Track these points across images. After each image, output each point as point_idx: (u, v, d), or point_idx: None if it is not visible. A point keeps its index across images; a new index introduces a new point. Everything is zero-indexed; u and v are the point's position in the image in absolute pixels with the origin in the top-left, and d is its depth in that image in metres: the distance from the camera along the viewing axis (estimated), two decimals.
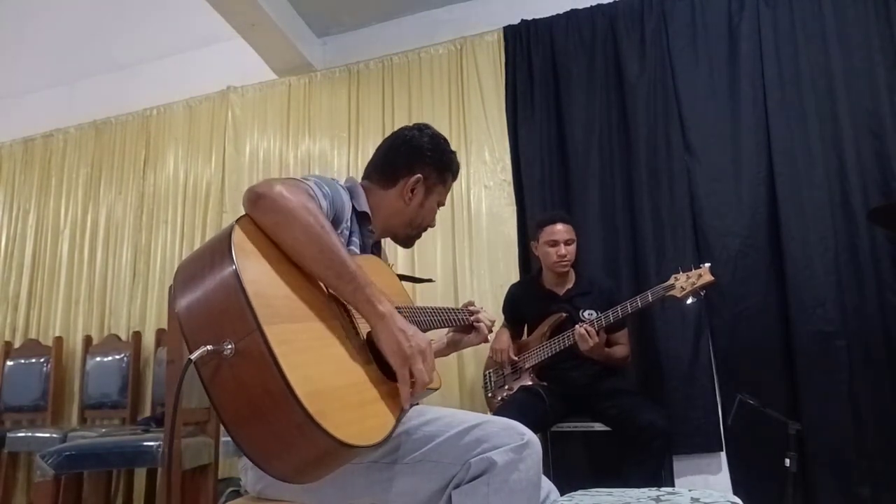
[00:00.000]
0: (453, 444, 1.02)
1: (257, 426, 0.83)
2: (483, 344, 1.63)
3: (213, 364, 0.84)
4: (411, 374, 1.01)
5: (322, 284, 1.04)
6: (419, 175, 1.38)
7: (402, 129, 1.45)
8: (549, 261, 2.53)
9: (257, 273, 0.91)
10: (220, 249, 0.90)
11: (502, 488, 0.97)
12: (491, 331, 1.57)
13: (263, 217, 0.98)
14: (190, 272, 0.92)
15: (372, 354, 1.05)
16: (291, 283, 0.98)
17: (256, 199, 0.98)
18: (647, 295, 2.27)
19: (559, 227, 2.51)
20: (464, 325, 1.54)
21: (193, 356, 0.82)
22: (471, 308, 1.55)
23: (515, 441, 1.01)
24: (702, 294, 2.25)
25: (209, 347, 0.82)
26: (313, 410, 0.81)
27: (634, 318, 2.57)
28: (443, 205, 1.47)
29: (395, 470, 1.05)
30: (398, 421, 1.01)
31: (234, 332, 0.83)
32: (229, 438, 0.85)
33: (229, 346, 0.83)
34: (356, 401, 0.95)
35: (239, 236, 0.93)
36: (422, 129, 1.43)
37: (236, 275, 0.85)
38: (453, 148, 1.49)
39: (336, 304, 1.06)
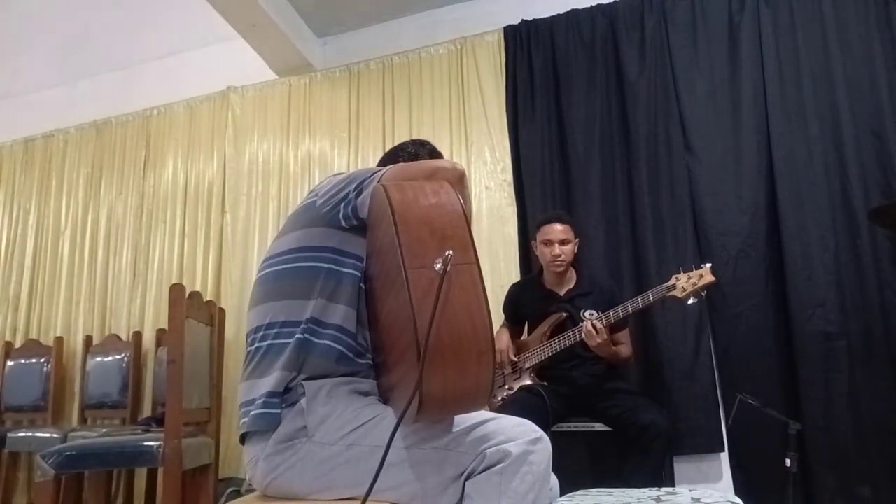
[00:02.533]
0: (468, 434, 1.05)
1: (446, 339, 0.93)
2: None
3: (429, 275, 0.95)
4: None
5: None
6: None
7: (403, 144, 1.55)
8: (545, 260, 2.53)
9: None
10: (442, 186, 1.08)
11: (514, 479, 1.00)
12: None
13: (465, 190, 1.19)
14: (408, 196, 1.05)
15: None
16: None
17: (462, 177, 1.20)
18: (648, 295, 2.28)
19: (556, 226, 2.51)
20: None
21: (447, 253, 0.95)
22: None
23: (529, 435, 1.04)
24: (703, 294, 2.25)
25: (450, 254, 0.95)
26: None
27: (635, 319, 2.57)
28: None
29: (408, 456, 1.06)
30: None
31: (452, 256, 0.96)
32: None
33: (449, 264, 0.95)
34: None
35: None
36: (424, 143, 1.55)
37: (463, 212, 1.04)
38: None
39: None
